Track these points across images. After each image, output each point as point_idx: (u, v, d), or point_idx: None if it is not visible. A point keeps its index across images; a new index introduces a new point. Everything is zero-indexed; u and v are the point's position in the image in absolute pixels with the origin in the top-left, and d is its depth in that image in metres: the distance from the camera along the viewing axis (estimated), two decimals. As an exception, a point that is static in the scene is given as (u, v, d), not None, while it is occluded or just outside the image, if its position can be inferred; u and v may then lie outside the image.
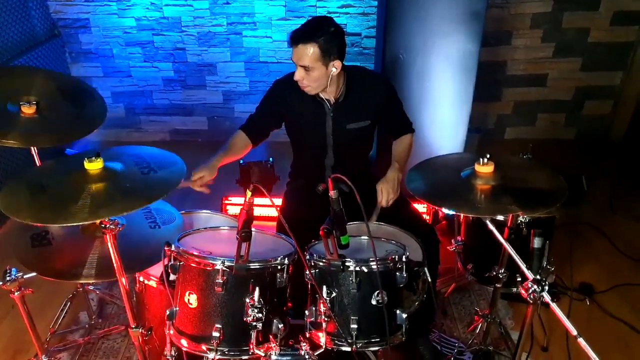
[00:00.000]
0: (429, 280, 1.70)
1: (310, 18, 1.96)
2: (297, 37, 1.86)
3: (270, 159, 3.10)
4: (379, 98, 2.08)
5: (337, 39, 1.87)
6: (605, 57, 3.87)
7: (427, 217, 2.94)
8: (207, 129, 4.20)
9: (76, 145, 3.84)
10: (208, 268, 1.45)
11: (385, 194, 1.94)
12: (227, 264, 1.42)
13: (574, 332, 1.26)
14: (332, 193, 1.40)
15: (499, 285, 1.94)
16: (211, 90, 4.03)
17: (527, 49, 3.85)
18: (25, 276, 1.68)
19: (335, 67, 1.89)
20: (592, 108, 4.10)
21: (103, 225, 1.41)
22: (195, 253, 1.48)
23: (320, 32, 1.85)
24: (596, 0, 3.67)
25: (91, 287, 2.45)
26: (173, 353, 1.66)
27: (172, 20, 3.75)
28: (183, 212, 1.93)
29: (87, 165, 1.39)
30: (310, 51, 1.84)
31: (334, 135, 2.09)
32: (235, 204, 3.05)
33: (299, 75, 1.91)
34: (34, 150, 1.96)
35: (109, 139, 4.04)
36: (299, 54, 1.86)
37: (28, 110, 1.82)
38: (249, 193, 1.34)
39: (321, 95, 2.02)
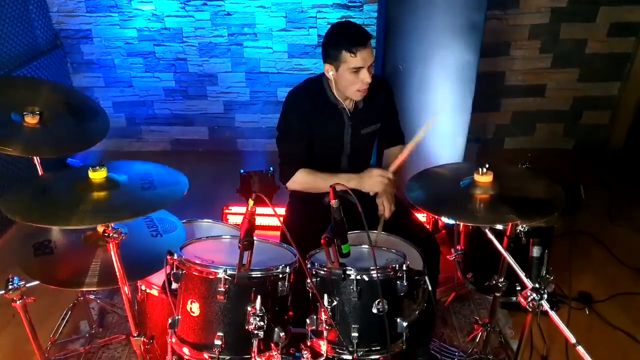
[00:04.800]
0: (430, 289, 1.71)
1: (341, 25, 1.99)
2: (364, 38, 1.85)
3: (271, 169, 3.13)
4: (385, 99, 2.13)
5: None
6: (602, 67, 3.91)
7: (427, 227, 2.95)
8: (207, 139, 4.22)
9: (77, 155, 3.86)
10: (210, 276, 1.46)
11: (388, 206, 1.97)
12: (229, 272, 1.43)
13: (573, 340, 1.27)
14: (333, 202, 1.42)
15: (498, 294, 1.95)
16: (212, 101, 4.06)
17: (525, 60, 3.89)
18: (27, 285, 1.69)
19: None
20: (590, 118, 4.13)
21: (107, 234, 1.43)
22: (197, 261, 1.49)
23: (365, 28, 1.90)
24: (593, 12, 3.72)
25: (92, 297, 2.45)
26: (174, 361, 1.67)
27: (173, 31, 3.79)
28: (184, 221, 1.94)
29: (92, 174, 1.42)
30: (372, 47, 1.88)
31: (351, 143, 2.10)
32: (235, 213, 3.06)
33: (370, 76, 1.90)
34: (36, 160, 1.98)
35: (110, 149, 4.05)
36: (368, 53, 1.86)
37: (31, 120, 1.83)
38: (251, 202, 1.35)
39: (343, 104, 2.03)
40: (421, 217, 2.95)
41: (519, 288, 1.72)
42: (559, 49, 3.84)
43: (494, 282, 1.91)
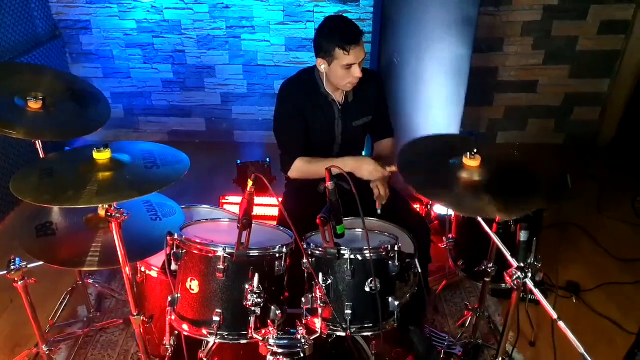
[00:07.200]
0: (420, 271, 1.77)
1: (335, 20, 1.98)
2: (357, 35, 1.89)
3: (267, 159, 3.17)
4: (375, 91, 2.17)
5: None
6: (592, 64, 3.98)
7: (421, 214, 3.00)
8: (204, 130, 4.26)
9: (75, 144, 3.89)
10: (209, 254, 1.51)
11: (383, 189, 2.01)
12: (227, 250, 1.48)
13: (554, 315, 1.33)
14: (329, 184, 1.47)
15: (487, 280, 2.01)
16: (209, 92, 4.09)
17: (518, 56, 3.96)
18: (29, 265, 1.73)
19: None
20: (581, 114, 4.20)
21: (109, 214, 1.47)
22: (197, 240, 1.54)
23: (357, 24, 1.94)
24: (584, 10, 3.78)
25: (90, 281, 2.49)
26: (172, 342, 1.72)
27: (172, 23, 3.82)
28: (183, 206, 1.99)
29: (96, 154, 1.46)
30: (364, 43, 1.91)
31: (342, 135, 2.15)
32: (231, 203, 3.09)
33: (360, 71, 1.94)
34: (38, 144, 2.02)
35: (108, 139, 4.00)
36: (360, 49, 1.90)
37: (34, 105, 1.87)
38: (250, 182, 1.40)
39: (333, 97, 2.07)
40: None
41: (507, 273, 1.78)
42: (551, 46, 3.91)
43: (483, 267, 1.97)
